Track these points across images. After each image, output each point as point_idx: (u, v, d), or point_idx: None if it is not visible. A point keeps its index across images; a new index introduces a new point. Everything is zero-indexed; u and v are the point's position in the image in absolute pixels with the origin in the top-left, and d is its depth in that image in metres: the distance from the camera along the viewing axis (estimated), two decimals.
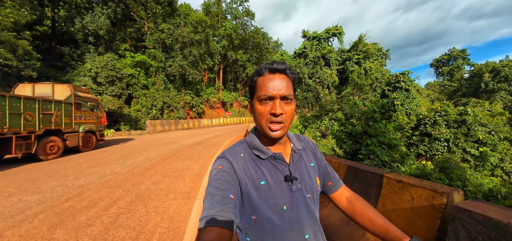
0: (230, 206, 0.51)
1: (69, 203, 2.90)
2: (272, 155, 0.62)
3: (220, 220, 0.48)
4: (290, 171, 0.63)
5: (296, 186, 0.62)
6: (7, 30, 11.16)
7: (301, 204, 0.62)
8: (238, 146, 0.65)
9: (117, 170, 4.68)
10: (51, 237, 2.07)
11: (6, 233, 2.16)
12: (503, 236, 0.83)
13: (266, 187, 0.59)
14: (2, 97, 5.11)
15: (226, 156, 0.61)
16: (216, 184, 0.54)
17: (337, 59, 29.38)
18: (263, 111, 0.58)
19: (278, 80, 0.58)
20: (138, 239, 2.03)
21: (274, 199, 0.58)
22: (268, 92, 0.57)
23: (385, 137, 4.45)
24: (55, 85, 7.12)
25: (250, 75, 0.66)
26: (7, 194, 3.28)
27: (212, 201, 0.51)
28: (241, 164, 0.60)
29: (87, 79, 16.33)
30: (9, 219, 2.47)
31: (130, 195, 3.16)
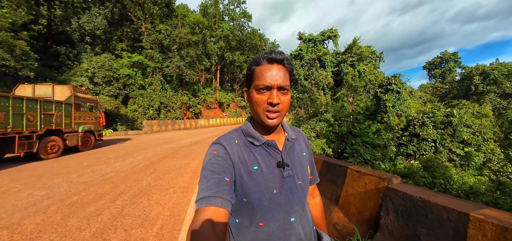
0: (226, 188, 0.53)
1: (76, 196, 3.17)
2: (266, 142, 0.64)
3: (216, 201, 0.49)
4: (282, 158, 0.65)
5: (288, 173, 0.64)
6: (5, 31, 11.22)
7: (291, 189, 0.63)
8: (233, 133, 0.67)
9: (118, 168, 4.94)
10: (66, 224, 2.35)
11: (23, 222, 2.43)
12: (413, 206, 1.18)
13: (259, 171, 0.61)
14: (5, 98, 5.31)
15: (220, 142, 0.63)
16: (211, 168, 0.56)
17: (332, 61, 30.01)
18: (260, 100, 0.60)
19: (275, 70, 0.59)
20: (143, 224, 2.33)
21: (266, 183, 0.60)
22: (265, 81, 0.58)
23: (368, 137, 4.84)
24: (55, 86, 7.31)
25: (249, 63, 0.65)
26: (16, 190, 3.53)
27: (208, 184, 0.52)
28: (235, 150, 0.62)
29: (84, 79, 16.39)
30: (23, 210, 2.73)
31: (133, 190, 3.45)
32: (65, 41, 19.82)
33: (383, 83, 21.38)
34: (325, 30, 30.22)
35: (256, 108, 0.61)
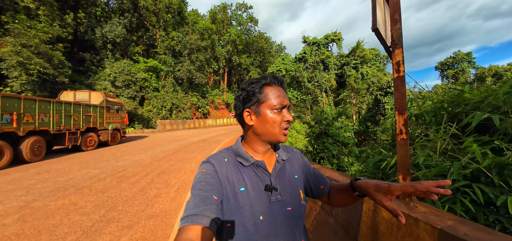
0: (213, 207, 0.52)
1: (120, 173, 4.67)
2: (254, 162, 0.63)
3: (202, 220, 0.48)
4: (270, 181, 0.62)
5: (276, 197, 0.61)
6: (44, 43, 13.33)
7: (279, 217, 0.60)
8: (224, 152, 0.66)
9: (142, 158, 6.46)
10: (120, 186, 3.81)
11: (93, 185, 3.91)
12: None
13: (245, 194, 0.59)
14: (59, 103, 7.01)
15: (210, 161, 0.62)
16: (200, 186, 0.55)
17: (336, 63, 30.66)
18: (277, 120, 0.61)
19: (283, 91, 0.64)
20: (166, 187, 3.74)
21: (251, 207, 0.58)
22: (283, 101, 0.61)
23: (339, 136, 6.07)
24: (90, 92, 9.06)
25: (248, 83, 0.64)
26: (77, 169, 5.09)
27: (195, 201, 0.51)
28: (224, 169, 0.61)
29: (107, 83, 18.50)
30: (89, 180, 4.24)
31: (157, 171, 4.90)
32: (89, 48, 22.20)
33: (383, 86, 21.96)
34: (329, 34, 30.94)
35: (272, 128, 0.61)
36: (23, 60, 11.44)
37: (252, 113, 0.63)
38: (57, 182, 4.05)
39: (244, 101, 0.64)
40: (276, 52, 49.07)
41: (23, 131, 5.67)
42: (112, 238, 2.16)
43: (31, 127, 5.91)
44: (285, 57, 35.55)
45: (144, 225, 2.43)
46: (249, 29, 37.62)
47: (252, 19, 36.93)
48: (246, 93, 0.64)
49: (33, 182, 4.06)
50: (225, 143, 10.27)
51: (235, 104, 0.68)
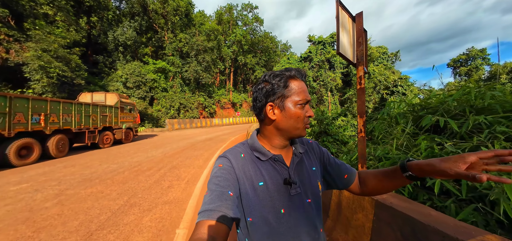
0: (229, 203, 0.53)
1: (136, 168, 5.18)
2: (272, 157, 0.63)
3: (218, 215, 0.49)
4: (289, 174, 0.62)
5: (295, 190, 0.61)
6: (62, 48, 14.25)
7: (299, 209, 0.61)
8: (239, 147, 0.66)
9: (154, 154, 6.99)
10: (138, 179, 4.29)
11: (114, 177, 4.42)
12: None
13: (264, 188, 0.59)
14: (80, 105, 7.66)
15: (227, 156, 0.62)
16: (216, 181, 0.56)
17: (342, 62, 30.47)
18: (302, 114, 0.60)
19: (305, 85, 0.63)
20: (178, 180, 4.20)
21: (272, 202, 0.58)
22: (306, 96, 0.60)
23: (338, 135, 6.37)
24: (106, 94, 9.73)
25: (272, 75, 0.62)
26: (98, 164, 5.66)
27: (211, 197, 0.53)
28: (241, 164, 0.61)
29: (119, 84, 19.41)
30: (110, 173, 4.76)
31: (168, 166, 5.38)
32: (102, 51, 23.28)
33: (390, 84, 21.74)
34: (334, 32, 30.75)
35: (296, 123, 0.60)
36: (44, 64, 12.34)
37: (275, 107, 0.62)
38: (83, 174, 4.60)
39: (267, 94, 0.62)
40: (281, 51, 49.15)
41: (50, 130, 6.32)
42: (136, 217, 2.61)
43: (56, 126, 6.56)
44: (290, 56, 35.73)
45: (161, 209, 2.87)
46: (255, 29, 37.96)
47: (258, 19, 37.23)
48: (270, 86, 0.62)
49: (62, 174, 4.63)
50: (231, 141, 10.71)
51: (256, 97, 0.65)
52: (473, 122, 1.44)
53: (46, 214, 2.71)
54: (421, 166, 0.56)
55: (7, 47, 12.44)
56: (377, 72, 27.50)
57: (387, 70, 30.05)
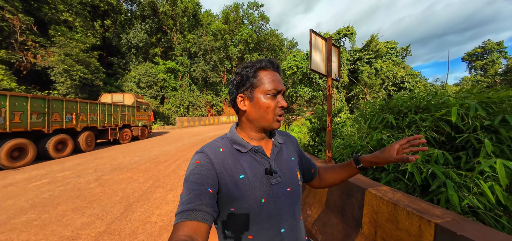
0: (208, 201, 0.52)
1: (155, 160, 5.94)
2: (252, 148, 0.63)
3: (197, 214, 0.48)
4: (270, 165, 0.63)
5: (276, 180, 0.62)
6: (82, 52, 15.43)
7: (280, 197, 0.62)
8: (218, 141, 0.66)
9: (169, 149, 7.77)
10: (158, 169, 5.03)
11: (139, 167, 5.18)
12: None
13: (245, 180, 0.59)
14: (103, 105, 8.56)
15: (205, 151, 0.61)
16: (193, 179, 0.54)
17: (348, 58, 30.26)
18: (271, 105, 0.60)
19: (278, 76, 0.62)
20: None
21: (253, 192, 0.59)
22: (277, 87, 0.60)
23: (337, 132, 6.86)
24: (124, 94, 10.65)
25: (243, 67, 0.63)
26: (123, 157, 6.48)
27: (189, 196, 0.51)
28: (220, 159, 0.60)
29: (133, 84, 20.58)
30: (134, 164, 5.54)
31: (182, 159, 6.11)
32: (116, 53, 24.59)
33: (397, 81, 21.54)
34: (341, 29, 30.53)
35: (265, 114, 0.60)
36: (68, 67, 13.51)
37: (245, 98, 0.62)
38: (112, 164, 5.41)
39: (237, 86, 0.63)
40: (288, 49, 49.16)
41: (80, 127, 7.23)
42: (162, 194, 3.30)
43: (85, 124, 7.47)
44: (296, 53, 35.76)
45: (180, 189, 3.55)
46: (261, 27, 38.29)
47: (263, 17, 37.53)
48: (240, 77, 0.62)
49: (95, 164, 5.46)
50: None
51: (229, 89, 0.66)
52: (410, 119, 1.96)
53: (92, 192, 3.46)
54: (369, 159, 0.69)
55: (34, 53, 13.70)
56: (384, 68, 27.15)
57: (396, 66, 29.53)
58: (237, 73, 0.64)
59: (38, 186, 3.77)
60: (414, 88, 19.89)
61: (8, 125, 5.13)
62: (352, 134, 3.28)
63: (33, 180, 4.17)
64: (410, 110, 2.17)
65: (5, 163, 5.04)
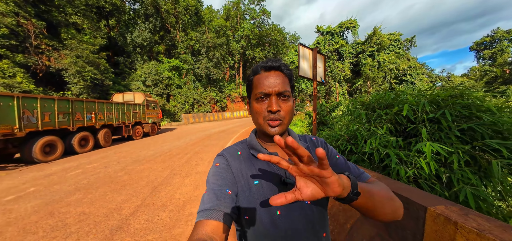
0: (228, 201, 0.53)
1: (168, 153, 6.60)
2: (268, 154, 0.58)
3: (216, 214, 0.49)
4: (285, 174, 0.60)
5: None
6: (92, 53, 16.15)
7: (297, 211, 0.58)
8: (237, 145, 0.67)
9: (178, 144, 8.44)
10: (172, 160, 5.68)
11: (155, 160, 5.85)
12: None
13: (260, 187, 0.58)
14: (117, 104, 9.25)
15: (224, 154, 0.63)
16: (214, 180, 0.57)
17: (351, 52, 30.25)
18: (260, 109, 0.59)
19: (273, 77, 0.58)
20: (202, 160, 5.52)
21: (267, 202, 0.56)
22: (263, 89, 0.58)
23: (334, 125, 7.39)
24: (134, 93, 11.34)
25: (250, 73, 0.63)
26: (139, 150, 7.17)
27: (209, 196, 0.53)
28: (237, 162, 0.61)
29: (139, 83, 21.33)
30: (150, 157, 6.21)
31: (192, 152, 6.75)
32: (121, 52, 25.31)
33: (399, 74, 21.65)
34: (343, 22, 30.43)
35: (257, 118, 0.60)
36: (80, 69, 14.26)
37: (249, 104, 0.64)
38: (131, 157, 6.10)
39: (247, 93, 0.65)
40: (290, 43, 49.06)
41: (98, 125, 7.95)
42: (180, 180, 3.94)
43: (103, 122, 8.19)
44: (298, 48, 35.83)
45: (194, 176, 4.19)
46: (262, 22, 38.33)
47: (265, 11, 37.51)
48: (246, 85, 0.64)
49: (117, 157, 6.16)
50: (241, 133, 12.00)
51: None
52: (377, 114, 2.49)
53: (121, 179, 4.13)
54: None
55: (48, 55, 14.48)
56: (387, 61, 27.07)
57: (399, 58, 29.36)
58: (247, 78, 0.65)
59: (75, 175, 4.47)
60: (416, 80, 20.03)
61: (40, 124, 5.85)
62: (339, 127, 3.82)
63: (68, 171, 4.88)
64: (379, 107, 2.70)
65: (39, 157, 5.78)
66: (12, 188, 3.80)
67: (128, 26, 27.16)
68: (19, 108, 5.33)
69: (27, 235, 2.26)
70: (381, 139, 2.25)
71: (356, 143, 2.50)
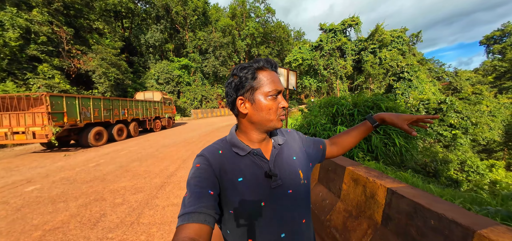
0: (210, 203, 0.53)
1: (186, 141, 8.38)
2: (251, 151, 0.63)
3: (199, 217, 0.49)
4: (269, 167, 0.63)
5: (276, 183, 0.62)
6: (114, 56, 18.16)
7: (280, 201, 0.62)
8: (217, 144, 0.67)
9: (192, 135, 10.22)
10: (190, 146, 7.43)
11: (177, 145, 7.61)
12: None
13: (244, 183, 0.60)
14: (142, 101, 11.11)
15: (204, 154, 0.63)
16: (195, 182, 0.56)
17: (353, 49, 30.93)
18: (273, 106, 0.61)
19: (277, 75, 0.63)
20: None
21: (252, 196, 0.59)
22: (277, 87, 0.60)
23: (322, 124, 8.96)
24: (153, 92, 13.21)
25: (240, 68, 0.62)
26: (162, 139, 8.99)
27: (190, 199, 0.53)
28: (218, 161, 0.61)
29: (153, 81, 23.35)
30: (172, 143, 7.98)
31: (205, 140, 8.49)
32: (135, 52, 27.39)
33: (397, 71, 22.45)
34: (345, 19, 31.08)
35: (268, 115, 0.61)
36: (105, 70, 16.31)
37: (246, 101, 0.62)
38: (159, 143, 7.91)
39: (236, 88, 0.62)
40: (295, 39, 49.85)
41: (129, 119, 9.84)
42: None
43: (132, 116, 10.08)
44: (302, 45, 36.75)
45: None
46: (267, 20, 39.43)
47: (270, 10, 38.55)
48: (238, 79, 0.62)
49: (148, 144, 8.00)
50: None
51: (227, 92, 0.65)
52: (324, 110, 4.05)
53: (158, 156, 5.90)
54: (383, 117, 0.80)
55: (79, 59, 16.60)
56: (388, 58, 27.67)
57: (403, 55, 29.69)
58: (234, 74, 0.63)
59: (125, 154, 6.30)
60: (413, 78, 20.84)
61: (92, 117, 7.74)
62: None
63: (118, 152, 6.74)
64: (325, 106, 4.27)
65: (92, 142, 7.69)
66: (88, 160, 5.66)
67: (141, 28, 29.17)
68: (80, 106, 7.22)
69: (121, 178, 4.03)
70: (322, 125, 3.83)
71: (309, 128, 4.09)
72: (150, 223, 2.41)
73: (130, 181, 3.88)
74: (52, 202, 3.07)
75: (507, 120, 18.76)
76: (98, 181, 3.95)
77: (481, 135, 15.46)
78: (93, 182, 3.88)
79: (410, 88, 20.72)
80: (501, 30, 48.20)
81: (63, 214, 2.68)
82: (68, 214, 2.68)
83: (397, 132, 3.28)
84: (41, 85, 12.94)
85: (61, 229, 2.34)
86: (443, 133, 14.06)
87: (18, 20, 11.90)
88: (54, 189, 3.61)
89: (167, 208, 2.78)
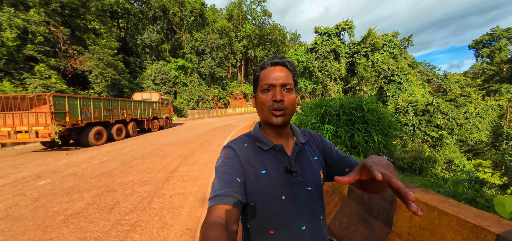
0: (237, 188, 0.57)
1: (185, 140, 8.67)
2: (273, 146, 0.67)
3: (228, 200, 0.53)
4: (290, 163, 0.66)
5: (296, 179, 0.65)
6: (111, 56, 18.22)
7: (300, 196, 0.65)
8: (243, 138, 0.71)
9: (190, 135, 10.51)
10: (190, 144, 7.75)
11: (177, 144, 7.91)
12: None
13: (267, 176, 0.63)
14: (140, 102, 11.32)
15: (231, 146, 0.68)
16: (223, 170, 0.61)
17: (347, 52, 31.80)
18: (265, 99, 0.64)
19: (278, 71, 0.64)
20: (212, 144, 7.58)
21: (273, 189, 0.62)
22: (269, 80, 0.63)
23: (312, 123, 9.41)
24: (151, 92, 13.42)
25: (258, 67, 0.69)
26: (162, 138, 9.25)
27: (220, 184, 0.57)
28: (244, 153, 0.66)
29: (149, 81, 23.43)
30: (171, 142, 8.28)
31: (203, 140, 8.81)
32: (131, 53, 27.37)
33: (388, 74, 23.31)
34: (339, 23, 31.96)
35: (262, 108, 0.65)
36: (102, 71, 16.38)
37: (254, 98, 0.71)
38: (159, 142, 8.19)
39: (253, 86, 0.71)
40: (290, 41, 50.60)
41: (128, 119, 10.06)
42: (200, 154, 5.99)
43: (131, 116, 10.30)
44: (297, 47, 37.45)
45: (210, 152, 6.23)
46: (263, 22, 39.99)
47: (266, 12, 39.14)
48: (253, 80, 0.70)
49: (148, 143, 8.26)
50: (242, 127, 14.03)
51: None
52: (316, 110, 4.47)
53: (160, 154, 6.20)
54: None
55: (75, 59, 16.61)
56: (380, 61, 28.59)
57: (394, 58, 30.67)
58: (254, 71, 0.69)
59: (126, 152, 6.57)
60: (402, 81, 21.73)
61: (92, 117, 7.96)
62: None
63: (119, 150, 6.99)
64: (316, 107, 4.69)
65: (92, 141, 7.90)
66: (91, 158, 5.91)
67: (137, 28, 29.16)
68: (81, 106, 7.44)
69: (127, 173, 4.34)
70: (312, 124, 4.25)
71: (300, 127, 4.50)
72: (161, 208, 2.76)
73: (136, 176, 4.20)
74: (66, 193, 3.37)
75: (494, 121, 19.82)
76: (105, 176, 4.25)
77: (468, 136, 16.30)
78: (101, 177, 4.18)
79: (400, 91, 21.58)
80: (489, 35, 50.29)
81: (80, 202, 3.00)
82: (84, 202, 3.00)
83: (377, 130, 3.73)
84: (37, 85, 12.95)
85: (82, 214, 2.66)
86: (430, 133, 14.79)
87: (15, 20, 11.94)
88: (65, 183, 3.89)
89: (174, 197, 3.13)
